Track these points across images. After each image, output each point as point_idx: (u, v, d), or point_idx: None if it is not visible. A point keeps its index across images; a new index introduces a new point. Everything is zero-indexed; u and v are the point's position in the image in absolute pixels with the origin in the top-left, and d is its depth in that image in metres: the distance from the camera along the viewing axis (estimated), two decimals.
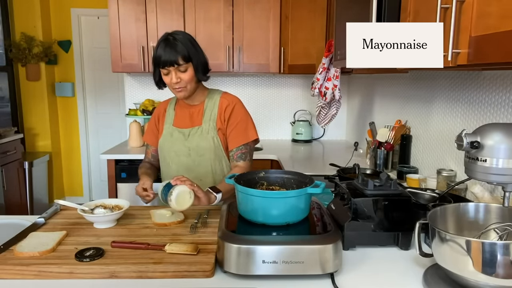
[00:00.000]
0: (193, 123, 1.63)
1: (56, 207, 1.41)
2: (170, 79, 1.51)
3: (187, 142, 1.60)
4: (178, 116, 1.66)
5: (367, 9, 1.51)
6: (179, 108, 1.68)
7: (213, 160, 1.61)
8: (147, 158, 1.77)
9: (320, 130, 3.52)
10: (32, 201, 3.93)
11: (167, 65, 1.47)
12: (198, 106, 1.65)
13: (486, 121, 1.54)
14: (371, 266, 1.09)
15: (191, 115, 1.64)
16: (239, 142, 1.63)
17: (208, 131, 1.60)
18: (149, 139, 1.75)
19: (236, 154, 1.63)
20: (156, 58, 1.49)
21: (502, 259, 0.82)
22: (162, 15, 2.94)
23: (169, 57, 1.46)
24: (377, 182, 1.20)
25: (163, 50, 1.47)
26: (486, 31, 0.91)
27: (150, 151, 1.75)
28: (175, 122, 1.66)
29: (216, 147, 1.60)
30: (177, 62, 1.47)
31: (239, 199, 1.16)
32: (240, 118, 1.63)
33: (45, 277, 1.00)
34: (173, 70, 1.49)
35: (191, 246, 1.09)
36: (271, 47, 3.04)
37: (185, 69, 1.50)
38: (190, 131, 1.61)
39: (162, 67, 1.49)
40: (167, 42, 1.48)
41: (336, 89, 2.65)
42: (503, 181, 0.96)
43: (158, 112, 1.73)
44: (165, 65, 1.48)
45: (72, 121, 4.52)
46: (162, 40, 1.50)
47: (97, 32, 4.35)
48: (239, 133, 1.62)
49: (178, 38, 1.50)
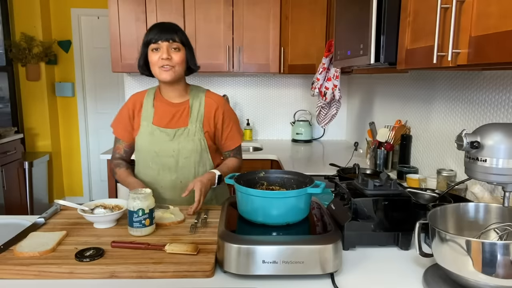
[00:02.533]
0: (177, 123, 1.56)
1: (56, 207, 1.41)
2: (160, 56, 1.45)
3: (173, 143, 1.54)
4: (158, 114, 1.57)
5: (367, 9, 1.51)
6: (160, 105, 1.58)
7: (197, 163, 1.58)
8: (118, 154, 1.64)
9: (320, 130, 3.52)
10: (32, 201, 3.93)
11: (161, 40, 1.43)
12: (181, 104, 1.58)
13: (486, 121, 1.54)
14: (371, 266, 1.09)
15: (175, 114, 1.57)
16: (236, 143, 1.67)
17: (194, 133, 1.55)
18: (121, 134, 1.62)
19: (233, 153, 1.68)
20: (149, 36, 1.45)
21: (502, 259, 0.82)
22: (162, 15, 2.94)
23: (166, 33, 1.44)
24: (377, 182, 1.20)
25: (159, 27, 1.46)
26: (486, 31, 0.91)
27: (123, 146, 1.63)
28: (155, 120, 1.56)
29: (202, 149, 1.57)
30: (173, 39, 1.45)
31: (239, 199, 1.16)
32: (233, 121, 1.66)
33: (45, 277, 1.00)
34: (165, 47, 1.44)
35: (191, 246, 1.09)
36: (271, 47, 3.05)
37: (178, 49, 1.47)
38: (176, 132, 1.55)
39: (155, 42, 1.44)
40: (164, 23, 1.49)
41: (336, 89, 2.65)
42: (503, 181, 0.96)
43: (132, 106, 1.60)
44: (159, 40, 1.44)
45: (72, 121, 4.52)
46: (157, 24, 1.49)
47: (97, 32, 4.35)
48: (234, 135, 1.66)
49: (172, 24, 1.51)
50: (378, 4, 1.46)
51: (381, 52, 1.48)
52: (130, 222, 1.20)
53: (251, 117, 3.52)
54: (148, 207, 1.20)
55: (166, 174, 1.57)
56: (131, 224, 1.19)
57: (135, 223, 1.19)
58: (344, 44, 1.87)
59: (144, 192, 1.21)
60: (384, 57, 1.48)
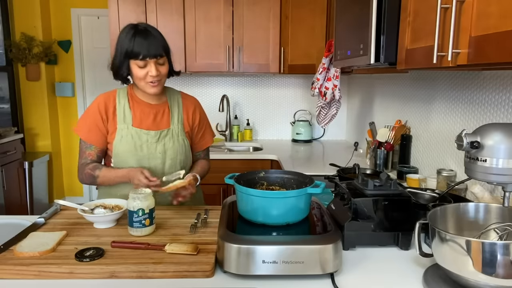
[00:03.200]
0: (158, 124, 1.54)
1: (56, 207, 1.41)
2: (147, 73, 1.41)
3: (158, 144, 1.52)
4: (137, 116, 1.52)
5: (367, 9, 1.51)
6: (137, 106, 1.53)
7: (183, 162, 1.59)
8: (90, 160, 1.51)
9: (320, 130, 3.52)
10: (32, 201, 3.93)
11: (150, 57, 1.39)
12: (161, 106, 1.56)
13: (486, 121, 1.54)
14: (371, 266, 1.09)
15: (155, 115, 1.54)
16: (208, 142, 1.73)
17: (178, 133, 1.56)
18: (93, 139, 1.50)
19: (204, 154, 1.74)
20: (135, 50, 1.38)
21: (502, 259, 0.82)
22: (162, 15, 2.94)
23: (154, 49, 1.39)
24: (377, 182, 1.20)
25: (144, 40, 1.38)
26: (486, 31, 0.91)
27: (95, 152, 1.51)
28: (134, 122, 1.50)
29: (186, 149, 1.59)
30: (161, 55, 1.42)
31: (239, 199, 1.16)
32: (206, 121, 1.71)
33: (45, 277, 1.00)
34: (153, 63, 1.40)
35: (191, 246, 1.09)
36: (271, 47, 3.04)
37: (163, 62, 1.45)
38: (160, 133, 1.52)
39: (142, 59, 1.39)
40: (145, 32, 1.41)
41: (336, 89, 2.65)
42: (503, 181, 0.96)
43: (104, 108, 1.50)
44: (147, 57, 1.38)
45: (72, 121, 4.51)
46: (135, 30, 1.41)
47: (97, 32, 4.35)
48: (207, 135, 1.71)
49: (151, 29, 1.44)
50: (378, 4, 1.46)
51: (381, 52, 1.48)
52: (130, 222, 1.20)
53: (251, 117, 3.52)
54: (148, 207, 1.20)
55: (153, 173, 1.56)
56: (131, 224, 1.19)
57: (135, 223, 1.19)
58: (344, 44, 1.87)
59: (144, 192, 1.21)
60: (384, 57, 1.48)
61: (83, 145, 1.52)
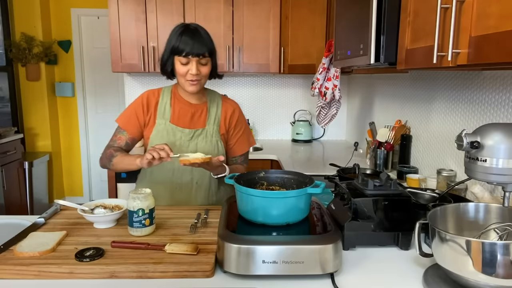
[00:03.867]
0: (195, 124, 1.57)
1: (56, 207, 1.41)
2: (188, 70, 1.44)
3: (190, 143, 1.55)
4: (176, 113, 1.56)
5: (367, 9, 1.51)
6: (178, 104, 1.58)
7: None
8: (117, 144, 1.56)
9: (320, 130, 3.52)
10: (32, 201, 3.93)
11: (192, 55, 1.42)
12: (200, 106, 1.59)
13: (486, 121, 1.54)
14: (371, 266, 1.09)
15: (193, 114, 1.57)
16: (244, 149, 1.67)
17: (212, 134, 1.57)
18: (127, 126, 1.56)
19: (240, 159, 1.68)
20: (180, 47, 1.42)
21: (502, 259, 0.82)
22: (162, 15, 2.94)
23: (197, 48, 1.41)
24: (377, 182, 1.20)
25: (190, 39, 1.41)
26: (486, 31, 0.91)
27: (125, 138, 1.56)
28: (172, 119, 1.56)
29: (219, 151, 1.57)
30: (204, 54, 1.43)
31: (239, 199, 1.16)
32: (244, 126, 1.67)
33: (45, 277, 1.00)
34: (195, 61, 1.43)
35: (191, 246, 1.09)
36: (271, 47, 3.04)
37: (206, 63, 1.47)
38: (194, 132, 1.55)
39: (185, 56, 1.42)
40: (193, 31, 1.43)
41: (336, 89, 2.65)
42: (503, 181, 0.96)
43: (147, 102, 1.57)
44: (190, 55, 1.42)
45: (72, 121, 4.52)
46: (185, 29, 1.44)
47: (97, 32, 4.35)
48: (244, 141, 1.67)
49: (201, 29, 1.47)
50: (378, 4, 1.46)
51: (381, 52, 1.48)
52: (130, 222, 1.20)
53: (251, 117, 3.52)
54: (148, 207, 1.20)
55: (181, 175, 1.57)
56: (131, 224, 1.19)
57: (135, 223, 1.19)
58: (344, 44, 1.87)
59: (144, 192, 1.21)
60: (384, 57, 1.48)
61: (117, 130, 1.59)
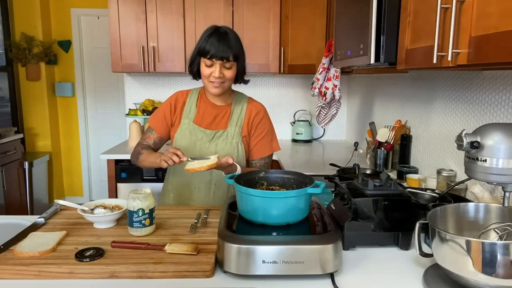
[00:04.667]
0: (217, 125, 1.58)
1: (56, 207, 1.41)
2: (211, 72, 1.46)
3: (210, 144, 1.55)
4: (200, 114, 1.59)
5: (367, 9, 1.51)
6: (203, 105, 1.60)
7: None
8: (147, 143, 1.62)
9: (320, 130, 3.52)
10: (32, 201, 3.93)
11: (216, 58, 1.43)
12: (224, 107, 1.60)
13: (486, 121, 1.54)
14: (371, 266, 1.09)
15: (216, 116, 1.58)
16: (265, 153, 1.64)
17: (233, 136, 1.56)
18: (156, 125, 1.62)
19: (260, 163, 1.64)
20: (206, 48, 1.43)
21: (502, 259, 0.82)
22: (162, 15, 2.94)
23: (222, 51, 1.42)
24: (377, 182, 1.20)
25: (216, 42, 1.42)
26: (486, 31, 0.91)
27: (154, 136, 1.62)
28: (196, 119, 1.58)
29: (239, 153, 1.57)
30: (228, 59, 1.44)
31: (239, 199, 1.16)
32: (268, 129, 1.64)
33: (45, 277, 1.00)
34: (219, 64, 1.44)
35: (191, 246, 1.09)
36: (271, 47, 3.04)
37: (230, 67, 1.47)
38: (215, 133, 1.56)
39: (209, 58, 1.43)
40: (221, 35, 1.44)
41: (336, 89, 2.65)
42: (503, 181, 0.96)
43: (175, 102, 1.61)
44: (214, 57, 1.43)
45: (72, 121, 4.52)
46: (214, 31, 1.46)
47: (97, 32, 4.35)
48: (265, 144, 1.63)
49: (230, 33, 1.47)
50: (378, 4, 1.46)
51: (381, 52, 1.48)
52: (130, 222, 1.20)
53: None
54: (148, 207, 1.20)
55: (201, 176, 1.57)
56: (131, 224, 1.19)
57: (135, 223, 1.19)
58: (344, 44, 1.87)
59: (144, 192, 1.21)
60: (384, 57, 1.48)
61: (148, 129, 1.64)
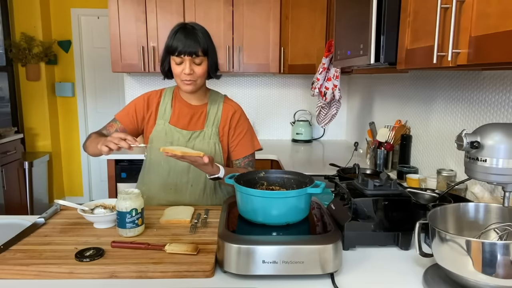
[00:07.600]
0: (194, 125, 1.57)
1: (56, 207, 1.41)
2: (182, 70, 1.43)
3: (188, 145, 1.54)
4: (176, 114, 1.57)
5: (367, 9, 1.51)
6: (178, 105, 1.58)
7: None
8: (106, 130, 1.56)
9: (320, 130, 3.52)
10: (32, 201, 3.93)
11: (185, 54, 1.41)
12: (200, 107, 1.59)
13: (486, 121, 1.54)
14: (371, 266, 1.09)
15: (192, 116, 1.57)
16: (247, 151, 1.64)
17: (210, 136, 1.55)
18: (122, 118, 1.57)
19: (244, 162, 1.64)
20: (173, 45, 1.41)
21: (502, 259, 0.82)
22: (162, 15, 2.94)
23: (189, 47, 1.40)
24: (377, 182, 1.20)
25: (183, 37, 1.40)
26: (486, 31, 0.91)
27: (117, 126, 1.57)
28: (172, 120, 1.56)
29: (216, 153, 1.56)
30: (197, 53, 1.42)
31: (239, 199, 1.16)
32: (247, 128, 1.64)
33: (45, 277, 1.00)
34: (188, 61, 1.42)
35: (191, 246, 1.09)
36: (271, 47, 3.04)
37: (200, 62, 1.45)
38: (192, 134, 1.55)
39: (178, 55, 1.41)
40: (188, 31, 1.42)
41: (336, 89, 2.65)
42: (503, 181, 0.96)
43: (148, 102, 1.58)
44: (182, 53, 1.41)
45: (72, 121, 4.52)
46: (181, 27, 1.44)
47: (97, 32, 4.35)
48: (246, 143, 1.63)
49: (198, 29, 1.45)
50: (378, 4, 1.46)
51: (381, 52, 1.48)
52: (121, 224, 1.18)
53: (251, 117, 3.51)
54: (140, 207, 1.19)
55: (177, 176, 1.56)
56: (123, 225, 1.18)
57: (128, 224, 1.18)
58: (344, 44, 1.87)
59: (134, 192, 1.21)
60: (384, 57, 1.48)
61: (112, 120, 1.60)
